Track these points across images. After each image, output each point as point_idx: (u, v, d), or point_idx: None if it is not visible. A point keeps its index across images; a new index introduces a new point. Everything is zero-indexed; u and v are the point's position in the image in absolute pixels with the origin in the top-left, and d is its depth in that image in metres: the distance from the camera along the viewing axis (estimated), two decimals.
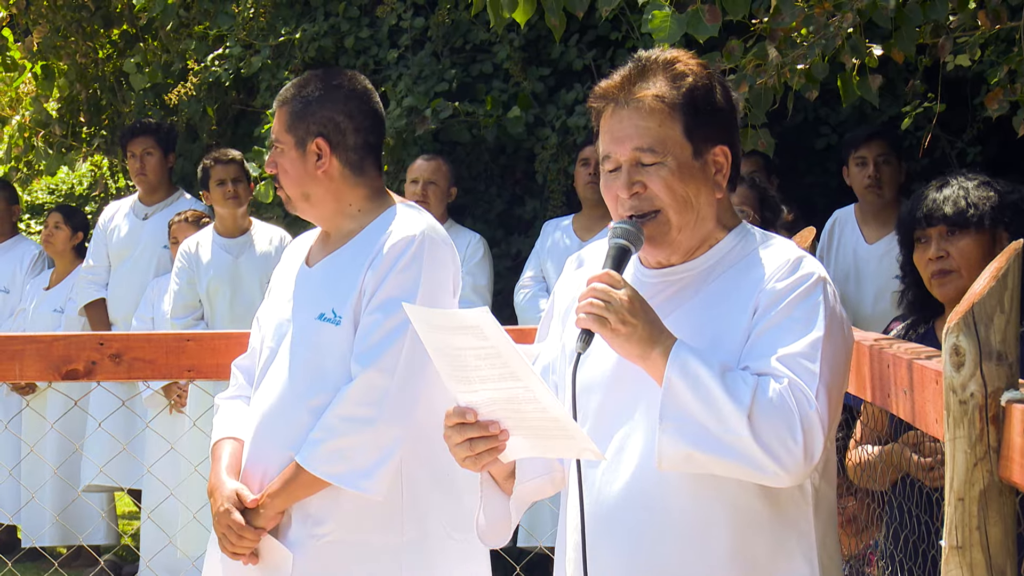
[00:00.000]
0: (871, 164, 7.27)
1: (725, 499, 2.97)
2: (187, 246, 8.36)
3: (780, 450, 2.83)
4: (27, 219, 16.87)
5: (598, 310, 2.91)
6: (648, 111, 3.04)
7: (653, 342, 2.91)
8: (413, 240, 3.89)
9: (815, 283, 2.98)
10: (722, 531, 2.98)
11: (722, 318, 3.01)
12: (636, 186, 3.04)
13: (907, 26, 4.99)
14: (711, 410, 2.85)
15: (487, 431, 2.97)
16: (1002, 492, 2.54)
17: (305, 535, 3.90)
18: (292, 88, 4.09)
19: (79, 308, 9.07)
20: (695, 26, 4.76)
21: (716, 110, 3.09)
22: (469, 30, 8.58)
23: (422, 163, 8.11)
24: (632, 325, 2.90)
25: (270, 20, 9.00)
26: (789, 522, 3.02)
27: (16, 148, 10.85)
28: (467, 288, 8.11)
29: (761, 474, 2.86)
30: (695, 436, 2.86)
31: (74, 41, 10.21)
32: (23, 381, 6.48)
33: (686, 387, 2.86)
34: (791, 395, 2.85)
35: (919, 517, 4.05)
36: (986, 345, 2.53)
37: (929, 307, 4.37)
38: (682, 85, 3.05)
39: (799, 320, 2.94)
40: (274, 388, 3.96)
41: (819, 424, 2.85)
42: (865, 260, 7.33)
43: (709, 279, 3.08)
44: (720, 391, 2.84)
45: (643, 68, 3.08)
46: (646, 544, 3.01)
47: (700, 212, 3.06)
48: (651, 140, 3.03)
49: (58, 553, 9.24)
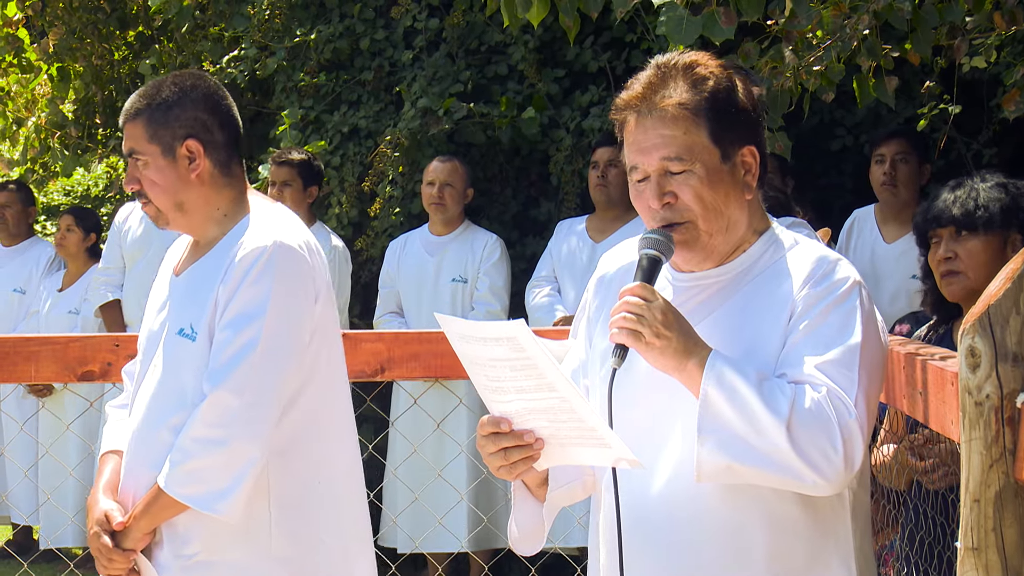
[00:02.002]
0: (888, 161, 7.27)
1: (761, 506, 2.96)
2: None
3: (820, 460, 2.82)
4: (43, 220, 16.90)
5: (632, 324, 2.89)
6: (672, 119, 3.01)
7: (688, 354, 2.89)
8: (263, 251, 3.72)
9: (851, 288, 2.97)
10: (759, 538, 2.96)
11: (757, 324, 2.99)
12: (667, 196, 3.01)
13: (923, 28, 4.98)
14: (749, 422, 2.83)
15: (522, 440, 2.94)
16: (1018, 494, 2.53)
17: (172, 556, 3.79)
18: (142, 98, 3.90)
19: (94, 309, 9.09)
20: (710, 28, 4.76)
21: (740, 110, 3.05)
22: (484, 31, 8.59)
23: (438, 165, 8.11)
24: (667, 338, 2.88)
25: (285, 22, 9.01)
26: (827, 528, 3.01)
27: (32, 150, 10.87)
28: (484, 289, 8.12)
29: (801, 484, 2.85)
30: (734, 448, 2.84)
31: (90, 43, 10.23)
32: (39, 383, 6.49)
33: (723, 399, 2.85)
34: (830, 404, 2.84)
35: (935, 519, 4.05)
36: (1002, 347, 2.52)
37: (949, 308, 4.37)
38: (704, 89, 3.02)
39: (835, 326, 2.93)
40: (142, 405, 3.85)
41: (859, 432, 2.85)
42: (883, 259, 7.32)
43: (741, 284, 3.06)
44: (758, 402, 2.83)
45: (663, 74, 3.05)
46: (683, 552, 3.00)
47: (731, 217, 3.04)
48: (678, 148, 3.00)
49: (74, 554, 9.26)
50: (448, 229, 8.23)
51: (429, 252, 8.23)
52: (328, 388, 3.86)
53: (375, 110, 8.72)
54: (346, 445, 3.96)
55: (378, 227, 8.50)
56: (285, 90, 8.95)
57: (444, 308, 8.16)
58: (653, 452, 3.01)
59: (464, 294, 8.18)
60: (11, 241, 9.81)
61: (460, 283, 8.17)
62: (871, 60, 5.06)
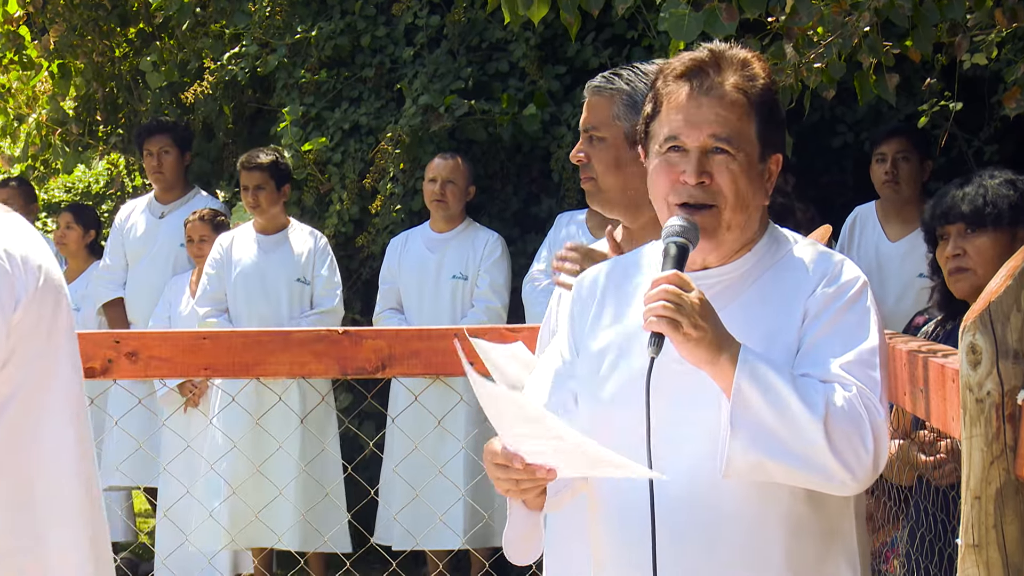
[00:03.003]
0: (889, 160, 7.27)
1: (778, 505, 2.94)
2: (224, 239, 8.39)
3: (852, 459, 2.81)
4: (43, 217, 16.89)
5: (671, 313, 2.81)
6: (731, 103, 2.99)
7: (721, 347, 2.84)
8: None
9: (861, 288, 2.97)
10: (775, 537, 2.95)
11: (768, 322, 2.98)
12: (704, 175, 2.98)
13: (924, 25, 4.98)
14: (784, 418, 2.81)
15: (534, 475, 2.92)
16: (1018, 490, 2.53)
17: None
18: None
19: (97, 307, 9.09)
20: (712, 24, 4.76)
21: (781, 119, 3.08)
22: (485, 28, 8.59)
23: (440, 162, 8.12)
24: (703, 329, 2.82)
25: (286, 19, 9.01)
26: (834, 527, 3.01)
27: (33, 146, 10.87)
28: (485, 286, 8.12)
29: (829, 483, 2.84)
30: (767, 444, 2.82)
31: (91, 40, 10.22)
32: None
33: (758, 394, 2.81)
34: (861, 403, 2.83)
35: (936, 516, 4.05)
36: (1003, 344, 2.52)
37: (957, 304, 4.37)
38: (757, 86, 3.02)
39: (851, 326, 2.92)
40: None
41: (886, 432, 2.86)
42: (888, 258, 7.32)
43: (747, 282, 3.05)
44: (794, 398, 2.81)
45: (717, 60, 3.03)
46: (700, 551, 2.97)
47: (751, 214, 3.03)
48: (730, 131, 2.98)
49: None
50: (449, 226, 8.23)
51: (430, 249, 8.23)
52: (39, 394, 3.71)
53: (376, 107, 8.72)
54: (62, 453, 3.81)
55: (379, 224, 8.50)
56: (286, 87, 8.95)
57: (444, 305, 8.16)
58: (670, 450, 2.96)
59: (464, 291, 8.18)
60: None
61: (460, 280, 8.17)
62: (872, 57, 5.06)
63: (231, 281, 8.32)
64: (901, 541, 4.34)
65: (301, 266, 8.27)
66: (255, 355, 4.50)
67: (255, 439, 7.92)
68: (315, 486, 7.82)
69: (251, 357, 4.45)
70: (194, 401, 8.40)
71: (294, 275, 8.26)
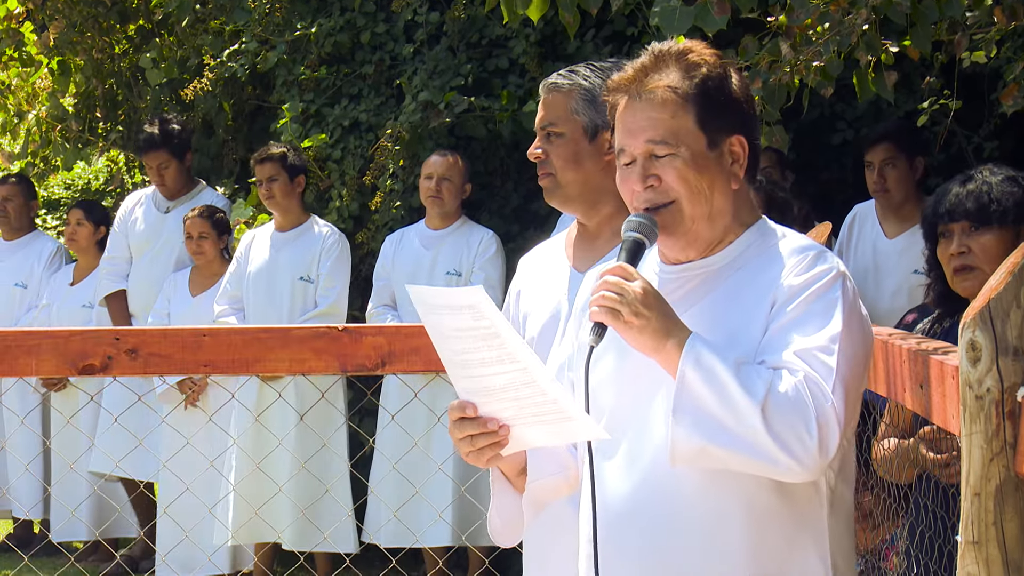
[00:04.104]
0: (876, 169, 7.28)
1: (740, 495, 2.94)
2: (247, 236, 8.42)
3: (795, 444, 2.80)
4: (43, 214, 16.90)
5: (611, 303, 2.89)
6: (661, 103, 3.02)
7: (667, 334, 2.88)
8: None
9: (834, 278, 2.96)
10: (737, 527, 2.95)
11: (740, 313, 2.99)
12: (651, 179, 3.01)
13: (923, 23, 4.98)
14: (725, 403, 2.82)
15: (486, 428, 2.98)
16: (1018, 487, 2.53)
17: None
18: None
19: (99, 300, 9.09)
20: (703, 19, 4.76)
21: (730, 100, 3.06)
22: (485, 25, 8.59)
23: (436, 159, 8.12)
24: (646, 317, 2.88)
25: (286, 15, 9.01)
26: (804, 520, 2.99)
27: (33, 143, 10.87)
28: (480, 283, 8.12)
29: (775, 468, 2.83)
30: (709, 429, 2.83)
31: (90, 36, 10.22)
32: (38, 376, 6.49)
33: (700, 379, 2.84)
34: (806, 389, 2.82)
35: (935, 513, 4.05)
36: (1002, 340, 2.53)
37: (954, 301, 4.36)
38: (695, 75, 3.03)
39: (817, 314, 2.92)
40: None
41: (835, 419, 2.83)
42: (885, 255, 7.33)
43: (727, 275, 3.06)
44: (734, 384, 2.82)
45: (656, 60, 3.06)
46: (660, 541, 2.99)
47: (715, 203, 3.04)
48: (664, 132, 3.01)
49: (75, 548, 9.26)
50: (445, 223, 8.24)
51: (425, 246, 8.23)
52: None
53: (376, 104, 8.73)
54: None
55: (379, 220, 8.50)
56: (286, 84, 8.95)
57: None
58: (632, 440, 3.01)
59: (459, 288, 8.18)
60: (13, 235, 9.81)
61: (455, 277, 8.17)
62: (871, 55, 5.06)
63: (246, 278, 8.34)
64: (901, 538, 4.34)
65: (307, 264, 8.28)
66: (255, 352, 4.50)
67: (256, 436, 7.93)
68: (317, 484, 7.82)
69: (251, 354, 4.44)
70: (193, 398, 8.41)
71: (299, 273, 8.27)
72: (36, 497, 9.09)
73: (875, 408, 4.35)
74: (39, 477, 9.08)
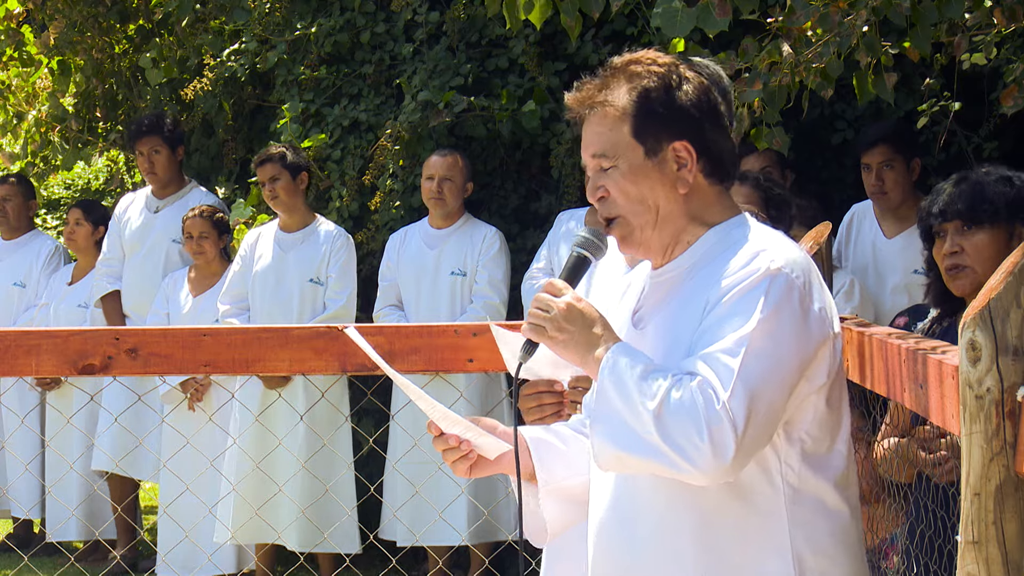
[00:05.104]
0: (873, 171, 7.29)
1: (689, 496, 2.99)
2: (251, 236, 8.41)
3: (688, 448, 2.84)
4: (43, 214, 16.89)
5: (537, 319, 3.02)
6: (601, 117, 3.11)
7: (591, 346, 2.99)
8: None
9: (761, 276, 2.93)
10: (686, 528, 3.01)
11: (686, 318, 3.01)
12: (600, 191, 3.11)
13: (922, 24, 4.98)
14: (630, 409, 2.89)
15: (448, 444, 3.21)
16: (1018, 487, 2.54)
17: None
18: None
19: (95, 300, 9.09)
20: (705, 20, 4.76)
21: (675, 107, 3.08)
22: (485, 25, 8.59)
23: (437, 159, 8.12)
24: (568, 332, 3.00)
25: (286, 15, 9.01)
26: (758, 519, 3.01)
27: (33, 143, 10.87)
28: (483, 282, 8.12)
29: (679, 473, 2.87)
30: (620, 437, 2.91)
31: (90, 36, 10.22)
32: (40, 376, 6.49)
33: (613, 388, 2.92)
34: (699, 392, 2.84)
35: (935, 512, 4.06)
36: (1002, 340, 2.53)
37: (953, 301, 4.37)
38: (636, 87, 3.09)
39: (736, 314, 2.92)
40: None
41: (727, 421, 2.83)
42: (884, 254, 7.33)
43: (687, 278, 3.08)
44: (636, 391, 2.88)
45: (608, 74, 3.15)
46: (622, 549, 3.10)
47: (660, 211, 3.08)
48: (603, 145, 3.10)
49: (75, 548, 9.26)
50: (448, 222, 8.24)
51: (429, 245, 8.23)
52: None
53: (376, 103, 8.73)
54: None
55: (379, 221, 8.50)
56: (285, 84, 8.95)
57: (443, 301, 8.17)
58: None
59: (463, 287, 8.19)
60: (12, 235, 9.81)
61: (459, 276, 8.17)
62: (870, 56, 5.07)
63: (251, 278, 8.33)
64: (901, 538, 4.34)
65: (316, 266, 8.27)
66: (255, 352, 4.50)
67: (258, 436, 7.93)
68: (319, 484, 7.82)
69: (251, 354, 4.45)
70: (197, 398, 8.40)
71: (308, 275, 8.26)
72: (36, 497, 9.09)
73: (875, 408, 4.35)
74: (39, 477, 9.08)
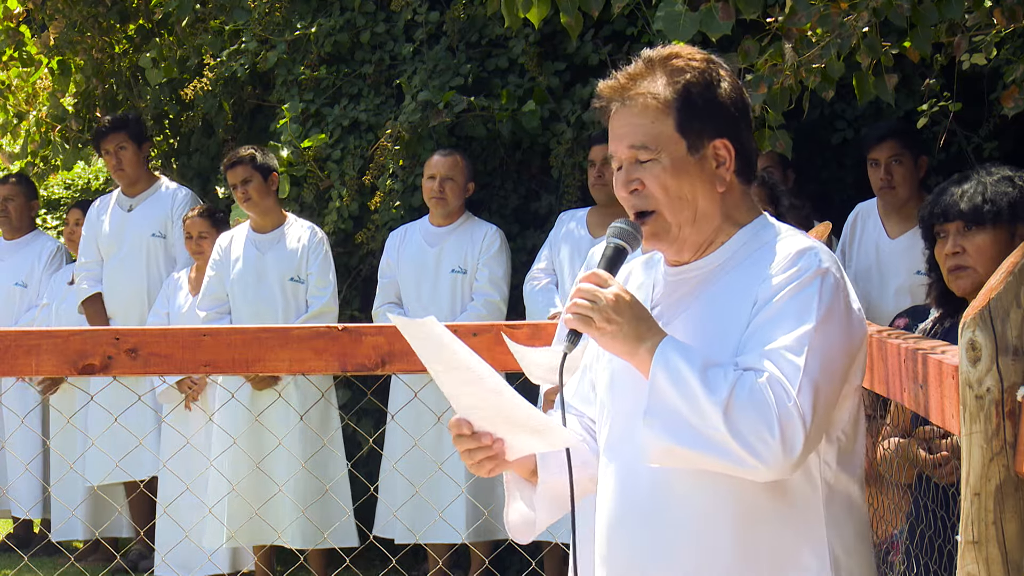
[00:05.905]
0: (882, 166, 7.28)
1: (729, 493, 2.99)
2: (223, 239, 8.40)
3: (758, 444, 2.84)
4: (43, 214, 16.88)
5: (584, 310, 2.98)
6: (642, 109, 3.08)
7: (640, 339, 2.96)
8: None
9: (813, 275, 2.97)
10: (726, 524, 3.00)
11: (726, 314, 3.02)
12: (634, 183, 3.09)
13: (923, 25, 4.99)
14: (692, 405, 2.88)
15: (480, 442, 3.11)
16: (1018, 487, 2.54)
17: None
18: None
19: (77, 305, 9.09)
20: (708, 23, 4.76)
21: (716, 104, 3.10)
22: (485, 25, 8.59)
23: (439, 159, 8.12)
24: (617, 323, 2.96)
25: (286, 15, 9.01)
26: (796, 515, 3.02)
27: (33, 143, 10.87)
28: (484, 280, 8.12)
29: (741, 468, 2.88)
30: (678, 431, 2.89)
31: (90, 36, 10.22)
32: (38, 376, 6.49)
33: (668, 382, 2.90)
34: (769, 389, 2.85)
35: (935, 512, 4.06)
36: (1002, 340, 2.53)
37: (954, 302, 4.36)
38: (678, 81, 3.08)
39: (791, 313, 2.94)
40: None
41: (798, 417, 2.85)
42: (888, 254, 7.33)
43: (719, 276, 3.09)
44: (699, 386, 2.87)
45: (645, 66, 3.12)
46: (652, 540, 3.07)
47: (699, 208, 3.08)
48: (644, 137, 3.07)
49: (75, 548, 9.26)
50: (448, 221, 8.24)
51: (429, 243, 8.23)
52: None
53: (375, 103, 8.73)
54: None
55: (378, 220, 8.50)
56: (285, 83, 8.95)
57: (444, 299, 8.17)
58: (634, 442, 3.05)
59: (464, 285, 8.19)
60: (13, 235, 9.81)
61: (460, 274, 8.17)
62: (871, 57, 5.07)
63: (229, 282, 8.33)
64: (901, 538, 4.34)
65: (295, 264, 8.27)
66: (255, 351, 4.51)
67: (255, 436, 7.93)
68: (317, 483, 7.82)
69: (251, 354, 4.46)
70: (193, 397, 8.41)
71: (288, 274, 8.26)
72: (36, 497, 9.09)
73: (876, 409, 4.35)
74: (39, 477, 9.08)
